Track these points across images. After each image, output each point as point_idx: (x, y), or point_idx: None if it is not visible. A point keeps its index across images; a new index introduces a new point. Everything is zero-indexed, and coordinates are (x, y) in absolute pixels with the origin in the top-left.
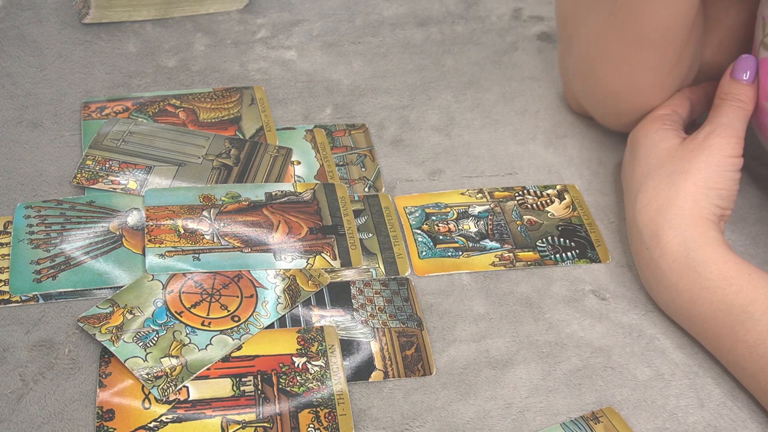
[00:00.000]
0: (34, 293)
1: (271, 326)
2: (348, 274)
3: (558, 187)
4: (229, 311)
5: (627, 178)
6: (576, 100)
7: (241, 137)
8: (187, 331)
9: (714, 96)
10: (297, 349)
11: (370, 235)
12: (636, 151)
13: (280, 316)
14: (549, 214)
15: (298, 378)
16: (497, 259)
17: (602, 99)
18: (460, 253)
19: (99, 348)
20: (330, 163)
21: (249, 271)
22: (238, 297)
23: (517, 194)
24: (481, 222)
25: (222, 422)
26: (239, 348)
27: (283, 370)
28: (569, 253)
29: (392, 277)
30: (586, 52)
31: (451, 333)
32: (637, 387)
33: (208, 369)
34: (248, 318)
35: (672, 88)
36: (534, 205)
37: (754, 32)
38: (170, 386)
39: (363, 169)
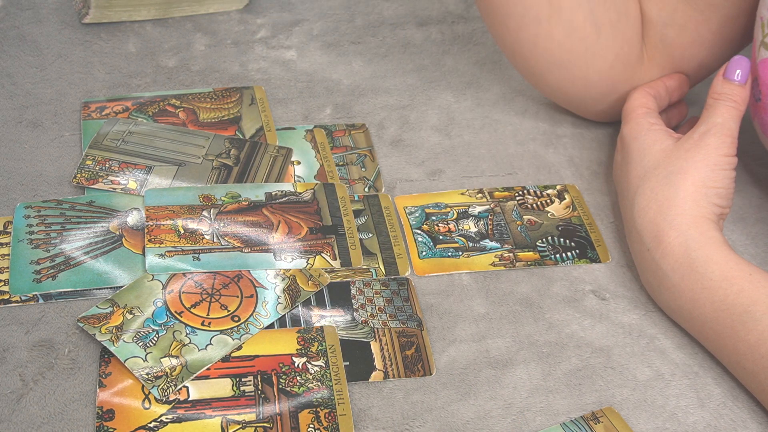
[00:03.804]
0: (34, 293)
1: (271, 326)
2: (348, 274)
3: (558, 187)
4: (229, 311)
5: (621, 180)
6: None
7: (241, 137)
8: (187, 331)
9: (673, 89)
10: (297, 349)
11: (370, 235)
12: (629, 154)
13: (280, 316)
14: (549, 214)
15: (298, 378)
16: (497, 259)
17: (551, 90)
18: (460, 253)
19: (99, 348)
20: (330, 163)
21: (249, 271)
22: (238, 297)
23: (517, 194)
24: (481, 222)
25: (222, 422)
26: (239, 348)
27: (283, 370)
28: (569, 253)
29: (392, 277)
30: (502, 40)
31: (451, 333)
32: (637, 387)
33: (208, 369)
34: (248, 318)
35: (604, 67)
36: (534, 205)
37: (754, 32)
38: (170, 386)
39: (363, 169)
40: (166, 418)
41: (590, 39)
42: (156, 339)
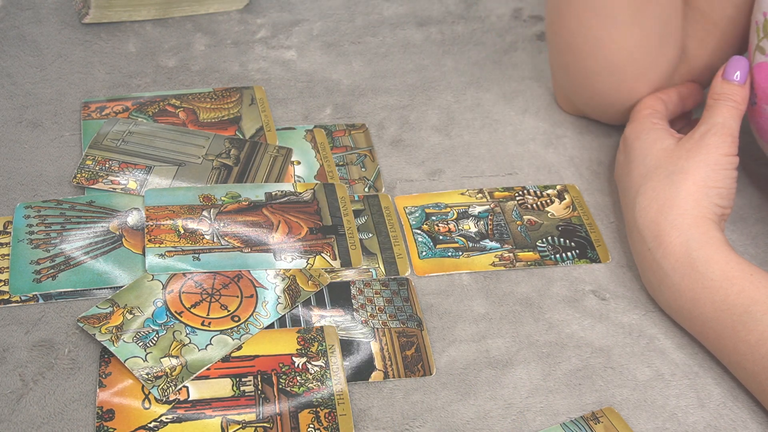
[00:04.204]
0: (34, 293)
1: (271, 326)
2: (348, 274)
3: (558, 187)
4: (229, 311)
5: (623, 180)
6: (566, 98)
7: (241, 137)
8: (187, 331)
9: (686, 96)
10: (297, 349)
11: (370, 235)
12: (630, 153)
13: (280, 316)
14: (549, 214)
15: (298, 378)
16: (497, 259)
17: (589, 92)
18: (460, 253)
19: (99, 348)
20: (330, 163)
21: (249, 271)
22: (238, 297)
23: (517, 194)
24: (481, 222)
25: (222, 422)
26: (239, 348)
27: (283, 370)
28: (569, 253)
29: (392, 277)
30: (568, 33)
31: (451, 333)
32: (637, 387)
33: (208, 369)
34: (248, 318)
35: (655, 78)
36: (534, 205)
37: (749, 36)
38: (170, 386)
39: (363, 169)
40: (166, 418)
41: (656, 50)
42: (156, 339)
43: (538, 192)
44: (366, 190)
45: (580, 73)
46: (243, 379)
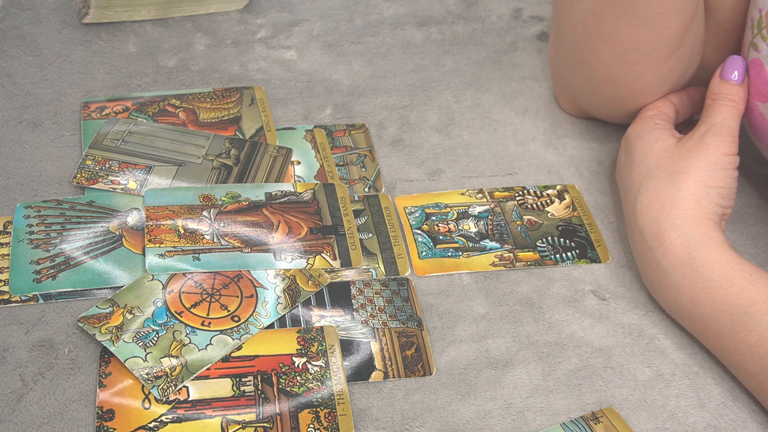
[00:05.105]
0: (34, 293)
1: (271, 326)
2: (348, 274)
3: (558, 187)
4: (229, 311)
5: (624, 179)
6: (568, 99)
7: (241, 137)
8: (187, 331)
9: (698, 99)
10: (297, 349)
11: (370, 235)
12: (631, 153)
13: (280, 316)
14: (549, 214)
15: (298, 378)
16: (497, 259)
17: (598, 86)
18: (460, 253)
19: (99, 348)
20: (330, 163)
21: (249, 271)
22: (238, 297)
23: (517, 194)
24: (481, 222)
25: (222, 422)
26: (239, 348)
27: (283, 370)
28: (569, 253)
29: (392, 277)
30: (581, 31)
31: (451, 333)
32: (637, 387)
33: (208, 369)
34: (248, 318)
35: (670, 80)
36: (534, 205)
37: (744, 33)
38: (170, 386)
39: (363, 169)
40: (166, 418)
41: (689, 74)
42: (156, 339)
43: (538, 192)
44: (366, 190)
45: (589, 85)
46: (243, 379)
